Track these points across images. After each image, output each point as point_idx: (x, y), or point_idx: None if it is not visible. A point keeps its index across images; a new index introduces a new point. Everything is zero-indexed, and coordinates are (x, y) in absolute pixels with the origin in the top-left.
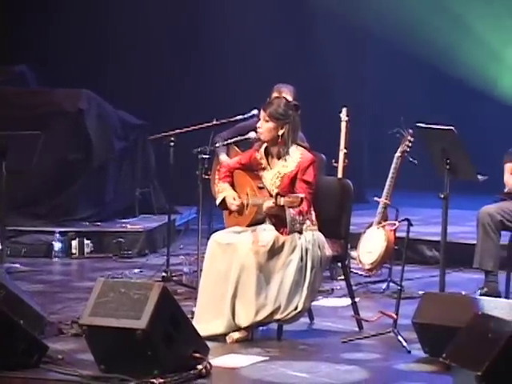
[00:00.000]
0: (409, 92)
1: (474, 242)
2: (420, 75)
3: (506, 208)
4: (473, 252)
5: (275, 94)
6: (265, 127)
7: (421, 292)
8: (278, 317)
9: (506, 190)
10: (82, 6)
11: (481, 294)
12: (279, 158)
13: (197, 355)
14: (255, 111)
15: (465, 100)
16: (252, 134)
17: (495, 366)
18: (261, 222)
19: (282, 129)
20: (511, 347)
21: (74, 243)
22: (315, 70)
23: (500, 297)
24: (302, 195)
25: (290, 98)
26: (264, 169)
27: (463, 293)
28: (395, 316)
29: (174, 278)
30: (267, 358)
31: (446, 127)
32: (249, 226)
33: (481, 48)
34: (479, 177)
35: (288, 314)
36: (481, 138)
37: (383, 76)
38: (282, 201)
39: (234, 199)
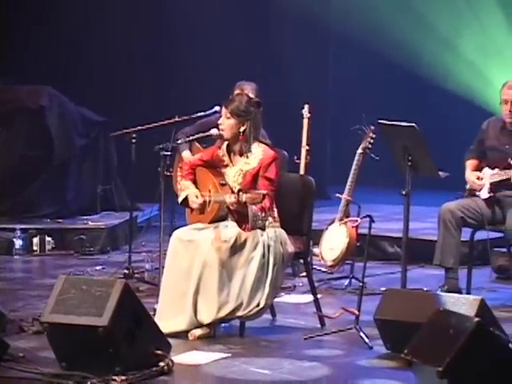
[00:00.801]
0: (371, 89)
1: (436, 238)
2: (382, 72)
3: (466, 205)
4: (434, 248)
5: (237, 91)
6: (226, 124)
7: (382, 288)
8: (240, 313)
9: (467, 187)
10: (41, 4)
11: (442, 291)
12: (241, 155)
13: (159, 352)
14: (217, 108)
15: (427, 97)
16: (214, 131)
17: (456, 361)
18: (223, 218)
19: (243, 126)
20: (472, 343)
21: (36, 240)
22: (277, 68)
23: (461, 293)
24: (264, 192)
25: (251, 95)
26: (226, 166)
27: (424, 289)
28: (357, 312)
29: (136, 275)
30: (229, 354)
31: (408, 124)
32: (211, 222)
33: (444, 46)
34: (441, 173)
35: (250, 311)
36: (443, 135)
37: (345, 73)
38: (244, 197)
39: (197, 197)
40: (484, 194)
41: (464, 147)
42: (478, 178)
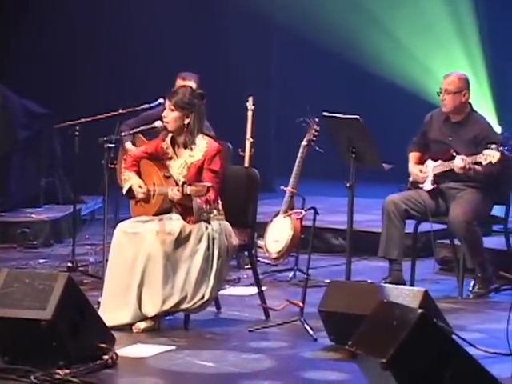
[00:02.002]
0: (315, 81)
1: (380, 230)
2: (326, 64)
3: (410, 197)
4: (378, 240)
5: (179, 82)
6: (170, 117)
7: (327, 280)
8: (184, 306)
9: (410, 179)
10: None
11: (386, 282)
12: (185, 148)
13: (103, 345)
14: (161, 100)
15: (371, 90)
16: (158, 123)
17: (400, 353)
18: (167, 211)
19: (187, 118)
20: (415, 334)
21: None
22: (221, 59)
23: (404, 285)
24: (209, 184)
25: (194, 86)
26: (170, 158)
27: (369, 281)
28: (302, 304)
29: (80, 268)
30: (174, 347)
31: (352, 116)
32: (155, 215)
33: (388, 39)
34: (384, 165)
35: (195, 304)
36: (386, 127)
37: (289, 65)
38: (188, 190)
39: (141, 187)
40: (427, 185)
41: (407, 139)
42: (421, 171)
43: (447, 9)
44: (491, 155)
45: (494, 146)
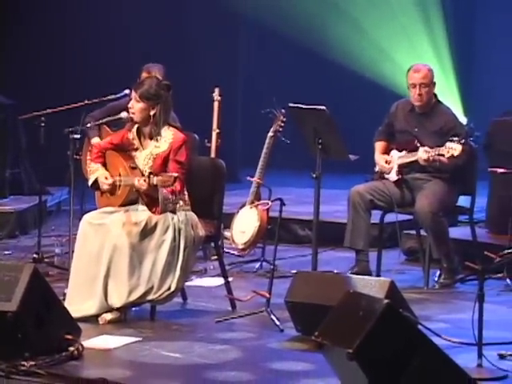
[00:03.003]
0: (281, 72)
1: (346, 221)
2: (292, 56)
3: (376, 187)
4: (344, 231)
5: (145, 74)
6: (136, 107)
7: (293, 271)
8: (151, 297)
9: (376, 169)
10: None
11: (352, 273)
12: (151, 139)
13: (69, 337)
14: (127, 91)
15: (336, 81)
16: (123, 114)
17: (366, 343)
18: (133, 202)
19: (153, 109)
20: (381, 325)
21: None
22: (187, 50)
23: (371, 275)
24: (175, 174)
25: (160, 78)
26: (136, 149)
27: (335, 271)
28: (268, 295)
29: (46, 260)
30: (140, 338)
31: (318, 107)
32: (121, 206)
33: (353, 30)
34: (351, 156)
35: (161, 295)
36: (352, 118)
37: (256, 57)
38: (154, 180)
39: (106, 178)
40: (393, 176)
41: (373, 130)
42: (386, 161)
43: (413, 0)
44: (453, 148)
45: (456, 138)
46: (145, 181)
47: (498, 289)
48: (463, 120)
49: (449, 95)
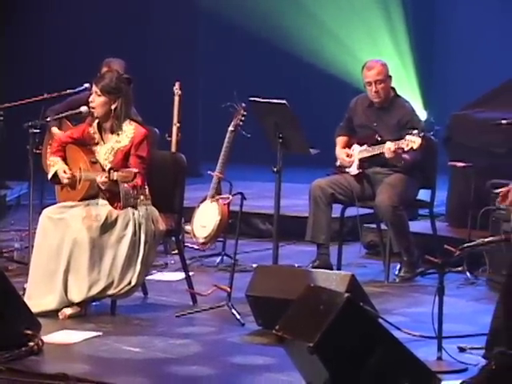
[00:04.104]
0: (242, 66)
1: (307, 215)
2: (253, 50)
3: (337, 181)
4: (305, 225)
5: (105, 69)
6: (97, 102)
7: (254, 265)
8: (111, 292)
9: (337, 164)
10: None
11: (313, 267)
12: (112, 133)
13: (28, 332)
14: (87, 85)
15: (297, 75)
16: (84, 108)
17: (326, 337)
18: (94, 196)
19: (114, 103)
20: (342, 318)
21: None
22: (147, 45)
23: (332, 269)
24: (136, 170)
25: (120, 72)
26: (97, 143)
27: (296, 265)
28: (229, 289)
29: (5, 254)
30: (101, 333)
31: (279, 101)
32: (81, 200)
33: (313, 24)
34: (311, 150)
35: (121, 289)
36: (313, 112)
37: (216, 51)
38: (115, 175)
39: (65, 172)
40: (353, 170)
41: (334, 124)
42: (347, 155)
43: None
44: (412, 141)
45: (415, 131)
46: (106, 176)
47: (458, 282)
48: (423, 114)
49: (409, 89)
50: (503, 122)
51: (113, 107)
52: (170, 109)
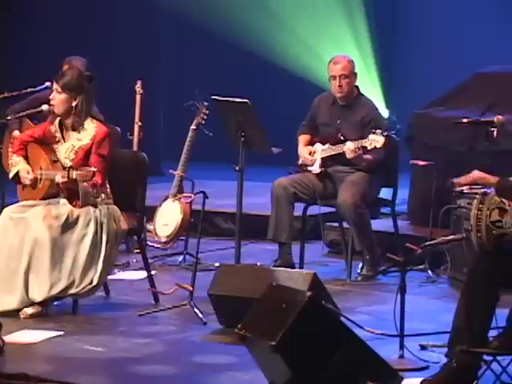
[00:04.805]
0: (204, 65)
1: (269, 213)
2: (215, 49)
3: (299, 180)
4: (268, 224)
5: (66, 67)
6: (58, 99)
7: (217, 264)
8: (72, 291)
9: (299, 162)
10: None
11: (275, 266)
12: (74, 130)
13: None
14: (48, 83)
15: (259, 74)
16: (45, 107)
17: (289, 335)
18: (55, 195)
19: (75, 100)
20: (304, 317)
21: None
22: (109, 43)
23: (294, 268)
24: (94, 169)
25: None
26: (58, 142)
27: (258, 264)
28: (191, 288)
29: None
30: (62, 332)
31: (241, 100)
32: (43, 199)
33: (275, 23)
34: (273, 149)
35: (83, 289)
36: (275, 111)
37: (178, 49)
38: (74, 174)
39: (28, 173)
40: (316, 168)
41: (296, 123)
42: (310, 153)
43: None
44: (376, 140)
45: (378, 130)
46: (64, 176)
47: (420, 280)
48: (385, 113)
49: (371, 88)
50: (464, 120)
51: (73, 104)
52: (131, 107)
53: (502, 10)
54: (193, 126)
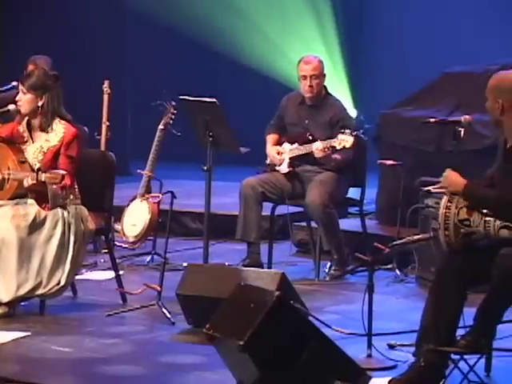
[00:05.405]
0: (172, 65)
1: (238, 213)
2: (183, 49)
3: (267, 179)
4: (236, 223)
5: (31, 67)
6: (24, 99)
7: (185, 264)
8: (40, 292)
9: (267, 162)
10: None
11: (244, 265)
12: (42, 131)
13: None
14: (15, 83)
15: (227, 73)
16: (11, 107)
17: (257, 335)
18: (23, 195)
19: (41, 99)
20: (272, 317)
21: None
22: (75, 43)
23: (262, 267)
24: (64, 172)
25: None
26: (26, 142)
27: (227, 264)
28: (159, 288)
29: None
30: (29, 333)
31: (209, 100)
32: (10, 199)
33: (243, 23)
34: (241, 149)
35: (50, 289)
36: (243, 111)
37: (145, 49)
38: (43, 177)
39: None
40: (284, 168)
41: (264, 122)
42: (278, 153)
43: None
44: (345, 140)
45: (348, 130)
46: (33, 178)
47: (388, 280)
48: (353, 112)
49: (339, 88)
50: (431, 120)
51: (40, 104)
52: (99, 107)
53: (471, 8)
54: (161, 126)
